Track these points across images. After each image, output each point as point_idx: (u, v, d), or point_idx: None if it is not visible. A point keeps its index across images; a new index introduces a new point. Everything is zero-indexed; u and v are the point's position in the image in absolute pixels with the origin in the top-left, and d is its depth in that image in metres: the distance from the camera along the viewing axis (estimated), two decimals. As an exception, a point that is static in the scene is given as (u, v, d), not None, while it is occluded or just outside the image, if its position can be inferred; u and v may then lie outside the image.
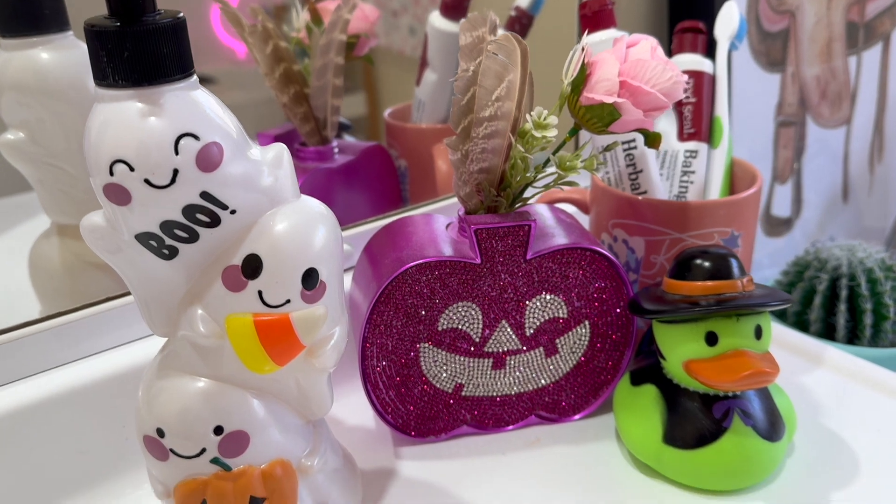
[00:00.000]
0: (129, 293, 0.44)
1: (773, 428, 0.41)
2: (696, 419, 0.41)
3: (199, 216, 0.32)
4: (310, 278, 0.34)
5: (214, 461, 0.35)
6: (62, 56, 0.46)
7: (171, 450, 0.35)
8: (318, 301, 0.35)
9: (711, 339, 0.40)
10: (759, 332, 0.40)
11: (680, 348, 0.41)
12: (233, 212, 0.33)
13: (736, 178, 0.53)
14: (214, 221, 0.33)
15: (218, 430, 0.35)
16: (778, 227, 0.76)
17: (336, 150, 0.60)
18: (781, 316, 0.65)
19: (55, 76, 0.45)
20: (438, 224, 0.47)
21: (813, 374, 0.53)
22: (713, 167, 0.53)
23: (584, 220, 0.55)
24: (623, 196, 0.50)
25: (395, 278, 0.42)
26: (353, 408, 0.50)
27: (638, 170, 0.50)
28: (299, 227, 0.34)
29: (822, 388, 0.51)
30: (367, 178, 0.62)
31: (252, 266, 0.33)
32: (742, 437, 0.40)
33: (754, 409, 0.41)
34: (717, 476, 0.41)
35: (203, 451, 0.35)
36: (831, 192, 0.79)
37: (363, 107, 0.79)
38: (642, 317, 0.43)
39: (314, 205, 0.36)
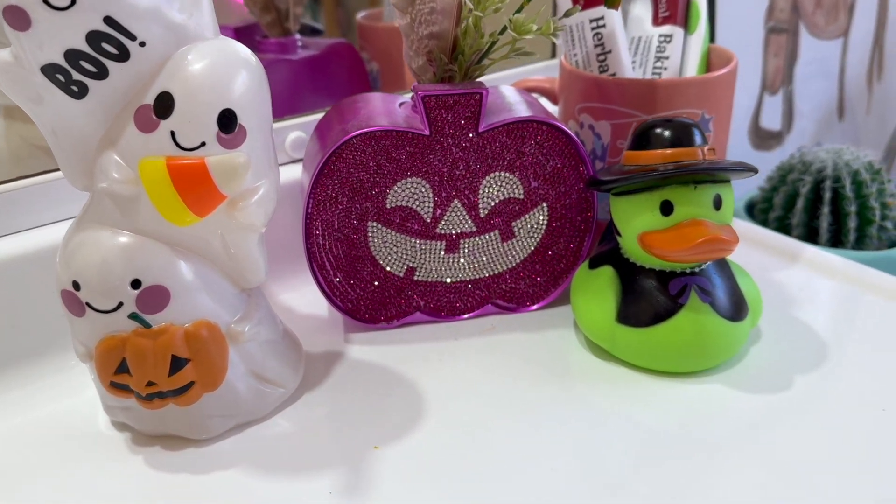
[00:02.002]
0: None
1: (734, 308, 0.39)
2: (650, 297, 0.39)
3: (106, 46, 0.30)
4: (226, 120, 0.32)
5: (133, 317, 0.33)
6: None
7: (88, 304, 0.33)
8: (237, 147, 0.33)
9: (666, 208, 0.38)
10: (718, 203, 0.38)
11: (634, 220, 0.39)
12: (142, 44, 0.31)
13: (713, 66, 0.51)
14: (123, 54, 0.31)
15: (135, 283, 0.33)
16: (767, 140, 0.73)
17: (300, 44, 0.58)
18: (763, 222, 0.62)
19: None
20: (391, 100, 0.45)
21: (788, 270, 0.51)
22: (689, 53, 0.50)
23: (555, 112, 0.52)
24: (589, 77, 0.47)
25: (338, 149, 0.40)
26: (308, 298, 0.48)
27: (606, 50, 0.48)
28: (217, 65, 0.32)
29: (797, 283, 0.49)
30: (332, 76, 0.60)
31: (164, 104, 0.31)
32: (699, 314, 0.38)
33: (714, 287, 0.39)
34: (672, 355, 0.39)
35: (120, 305, 0.33)
36: (826, 108, 0.76)
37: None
38: (597, 190, 0.41)
39: (237, 47, 0.33)
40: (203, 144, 0.32)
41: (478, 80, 0.42)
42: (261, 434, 0.37)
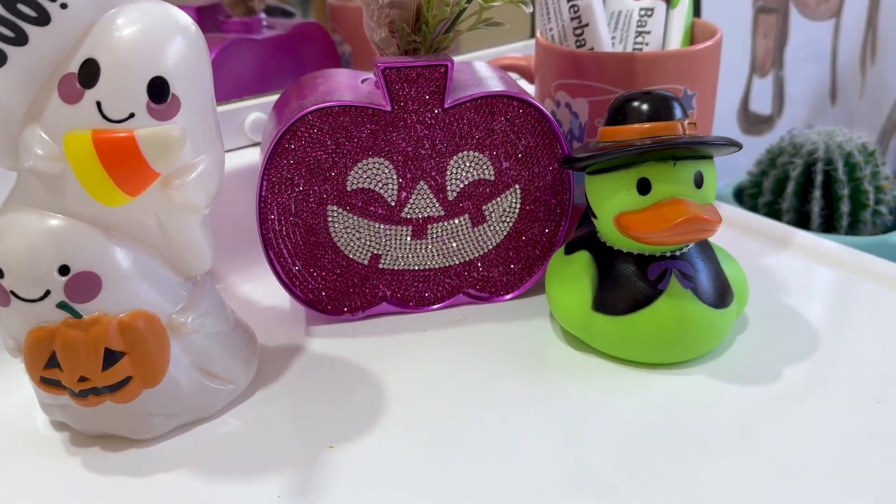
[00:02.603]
0: None
1: (717, 294, 0.37)
2: (628, 282, 0.36)
3: (22, 8, 0.28)
4: (157, 89, 0.29)
5: (62, 306, 0.31)
6: None
7: (13, 292, 0.31)
8: (171, 119, 0.30)
9: (644, 186, 0.35)
10: (699, 180, 0.35)
11: (610, 201, 0.36)
12: (63, 5, 0.28)
13: (697, 42, 0.48)
14: (42, 17, 0.28)
15: (63, 269, 0.30)
16: (757, 124, 0.70)
17: (265, 24, 0.55)
18: (753, 208, 0.60)
19: None
20: (354, 76, 0.42)
21: (778, 256, 0.48)
22: (671, 28, 0.47)
23: (531, 91, 0.49)
24: (565, 52, 0.44)
25: (292, 126, 0.38)
26: (269, 289, 0.45)
27: (583, 23, 0.45)
28: (147, 30, 0.29)
29: (788, 269, 0.47)
30: (300, 57, 0.57)
31: (89, 72, 0.29)
32: (679, 300, 0.36)
33: (696, 271, 0.36)
34: (652, 345, 0.36)
35: (47, 293, 0.30)
36: (818, 92, 0.73)
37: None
38: (571, 168, 0.38)
39: (172, 11, 0.31)
40: (132, 116, 0.29)
41: (445, 53, 0.40)
42: (208, 434, 0.35)
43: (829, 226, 0.56)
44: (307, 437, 0.34)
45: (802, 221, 0.57)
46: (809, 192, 0.55)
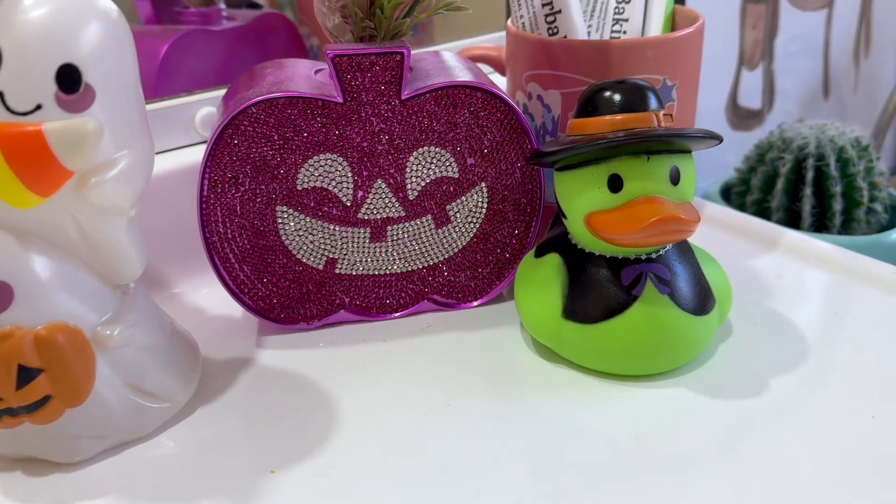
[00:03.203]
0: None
1: (697, 299, 0.34)
2: (600, 288, 0.33)
3: None
4: (67, 77, 0.26)
5: (-33, 320, 0.28)
6: None
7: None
8: (84, 111, 0.27)
9: (615, 183, 0.32)
10: (675, 176, 0.32)
11: (579, 199, 0.33)
12: (-43, -16, 0.25)
13: (678, 29, 0.45)
14: (-67, -4, 0.25)
15: (-32, 280, 0.27)
16: (746, 119, 0.67)
17: (224, 14, 0.52)
18: (741, 207, 0.57)
19: None
20: (308, 66, 0.39)
21: (766, 257, 0.45)
22: (651, 15, 0.44)
23: (502, 83, 0.46)
24: (535, 40, 0.41)
25: (234, 119, 0.35)
26: (220, 297, 0.42)
27: (555, 10, 0.42)
28: (58, 13, 0.26)
29: (776, 271, 0.44)
30: (263, 50, 0.54)
31: (-12, 58, 0.26)
32: (655, 307, 0.33)
33: (674, 275, 0.33)
34: (626, 355, 0.33)
35: (-50, 307, 0.27)
36: (809, 85, 0.70)
37: None
38: (539, 164, 0.35)
39: (88, -7, 0.28)
40: (39, 107, 0.26)
41: (402, 40, 0.37)
42: (140, 456, 0.32)
43: (820, 225, 0.53)
44: (249, 460, 0.31)
45: (793, 220, 0.54)
46: (800, 190, 0.52)
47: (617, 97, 0.33)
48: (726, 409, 0.33)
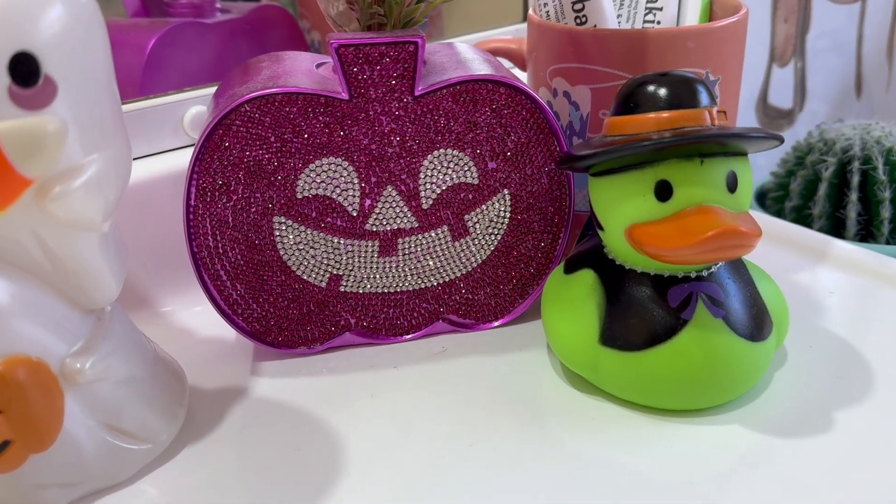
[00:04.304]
0: None
1: (753, 322, 0.30)
2: (643, 310, 0.29)
3: None
4: (22, 68, 0.22)
5: None
6: None
7: None
8: (43, 108, 0.23)
9: (664, 191, 0.28)
10: (733, 183, 0.28)
11: (621, 208, 0.29)
12: None
13: (716, 18, 0.41)
14: None
15: None
16: (777, 119, 0.63)
17: (218, 6, 0.48)
18: (778, 213, 0.52)
19: None
20: (309, 59, 0.35)
21: (815, 270, 0.41)
22: (686, 4, 0.40)
23: (523, 78, 0.42)
24: (562, 30, 0.37)
25: (225, 119, 0.30)
26: (212, 318, 0.38)
27: (583, -3, 0.38)
28: (10, -7, 0.22)
29: (828, 286, 0.39)
30: (261, 44, 0.50)
31: (-74, 45, 0.22)
32: (708, 332, 0.29)
33: (727, 296, 0.29)
34: (673, 387, 0.29)
35: None
36: (842, 83, 0.66)
37: None
38: (572, 169, 0.31)
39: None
40: (-12, 104, 0.22)
41: (416, 28, 0.33)
42: (116, 506, 0.28)
43: (867, 233, 0.49)
44: (241, 510, 0.27)
45: (836, 228, 0.50)
46: (844, 195, 0.48)
47: (662, 91, 0.29)
48: (789, 448, 0.28)
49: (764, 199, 0.56)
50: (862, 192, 0.48)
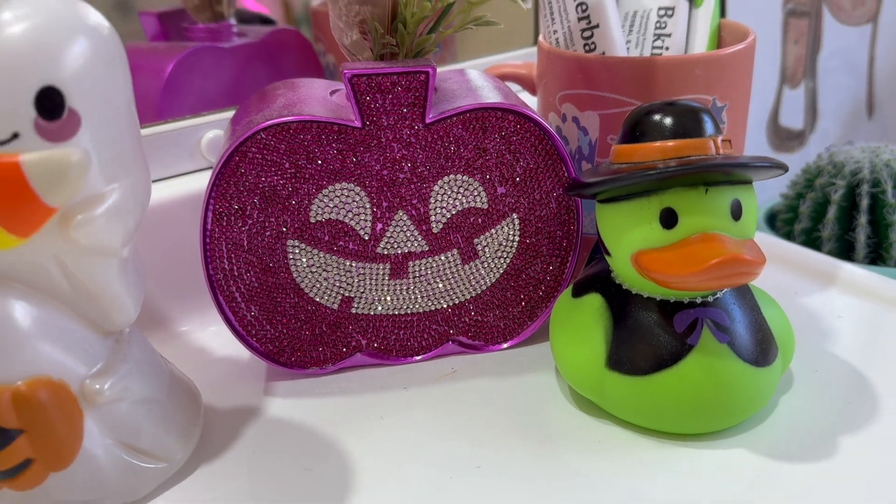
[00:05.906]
0: None
1: (759, 348, 0.30)
2: (650, 334, 0.30)
3: None
4: (48, 102, 0.23)
5: (-66, 377, 0.24)
6: None
7: None
8: (67, 140, 0.24)
9: (669, 218, 0.29)
10: (737, 211, 0.29)
11: (627, 235, 0.30)
12: (-79, -5, 0.22)
13: (724, 44, 0.41)
14: None
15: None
16: (788, 141, 0.63)
17: (235, 30, 0.49)
18: (787, 235, 0.53)
19: None
20: (323, 87, 0.36)
21: (823, 294, 0.41)
22: (695, 30, 0.41)
23: (532, 103, 0.43)
24: (571, 57, 0.38)
25: (241, 146, 0.31)
26: (225, 338, 0.38)
27: (593, 24, 0.38)
28: (39, 28, 0.23)
29: (836, 309, 0.40)
30: (276, 67, 0.51)
31: (-42, 81, 0.22)
32: (713, 357, 0.29)
33: (733, 321, 0.30)
34: (678, 411, 0.30)
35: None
36: (853, 104, 0.66)
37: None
38: (580, 195, 0.32)
39: (77, 6, 0.25)
40: (16, 136, 0.23)
41: (427, 58, 0.33)
42: (132, 524, 0.28)
43: (876, 256, 0.49)
44: (253, 529, 0.28)
45: (846, 251, 0.50)
46: (854, 218, 0.48)
47: (668, 121, 0.30)
48: (794, 473, 0.29)
49: (774, 221, 0.56)
50: (871, 215, 0.48)
